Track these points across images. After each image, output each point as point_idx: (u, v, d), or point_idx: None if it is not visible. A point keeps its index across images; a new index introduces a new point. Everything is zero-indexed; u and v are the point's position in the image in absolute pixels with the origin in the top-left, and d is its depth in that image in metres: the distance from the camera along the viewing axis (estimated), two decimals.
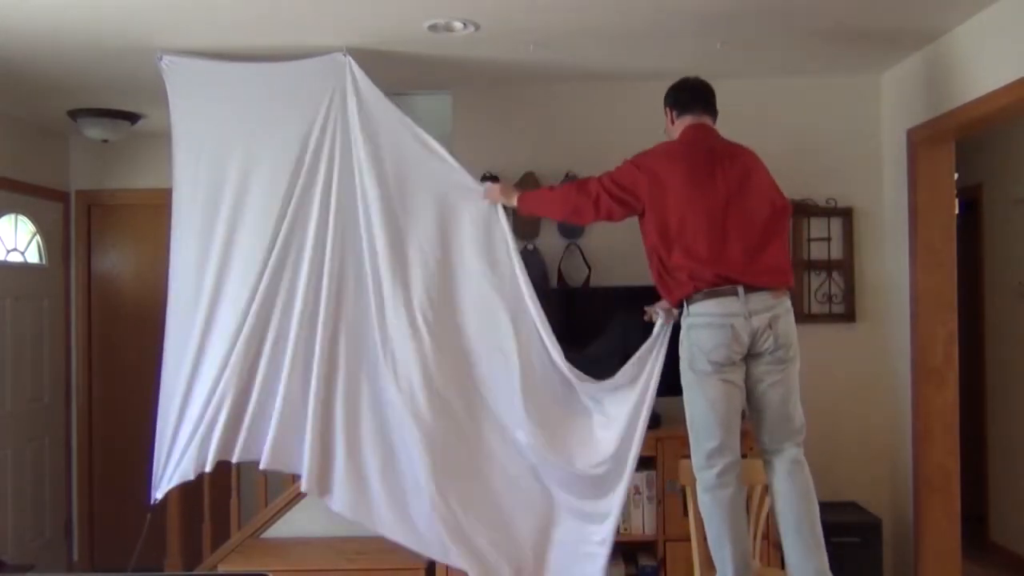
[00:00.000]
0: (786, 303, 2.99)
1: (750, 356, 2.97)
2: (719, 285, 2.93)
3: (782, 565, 3.76)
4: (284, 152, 3.52)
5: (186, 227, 3.55)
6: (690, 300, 2.99)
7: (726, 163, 3.05)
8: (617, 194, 3.11)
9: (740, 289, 2.91)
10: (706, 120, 3.20)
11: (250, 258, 3.49)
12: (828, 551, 2.96)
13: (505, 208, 3.40)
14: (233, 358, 3.43)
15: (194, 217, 3.54)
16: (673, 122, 3.24)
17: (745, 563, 2.97)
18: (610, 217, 3.18)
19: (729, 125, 4.31)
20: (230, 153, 3.54)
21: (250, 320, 3.45)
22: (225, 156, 3.54)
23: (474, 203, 3.42)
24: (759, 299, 2.92)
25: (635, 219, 4.29)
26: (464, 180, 3.43)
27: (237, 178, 3.52)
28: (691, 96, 3.21)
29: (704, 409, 2.97)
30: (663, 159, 3.10)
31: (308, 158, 3.51)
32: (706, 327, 2.94)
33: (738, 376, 2.97)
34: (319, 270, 3.46)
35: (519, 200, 3.34)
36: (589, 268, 4.30)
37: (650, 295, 4.13)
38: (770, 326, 2.91)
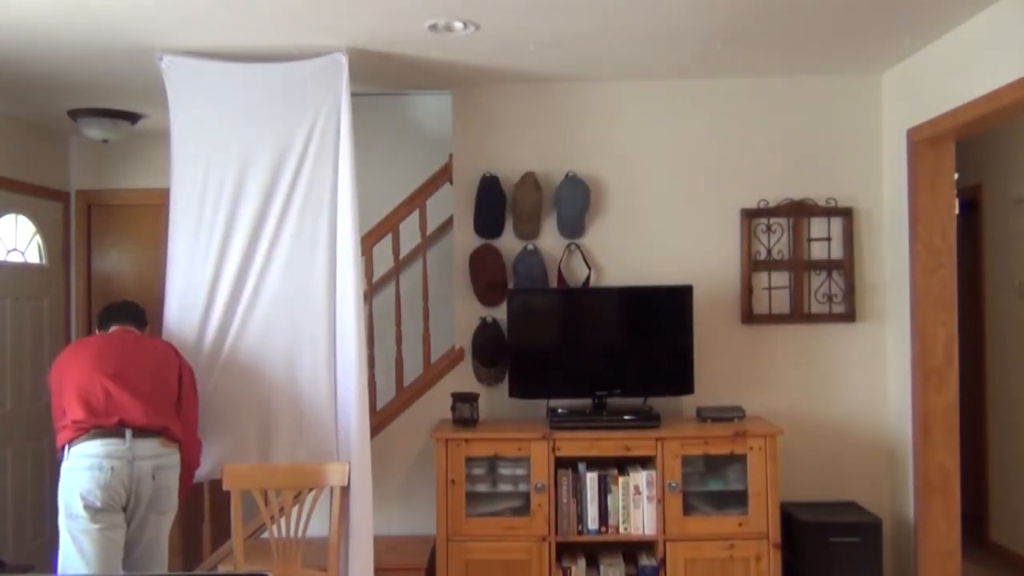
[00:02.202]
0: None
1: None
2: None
3: (783, 567, 3.76)
4: (282, 152, 3.55)
5: (183, 226, 3.58)
6: (72, 442, 3.03)
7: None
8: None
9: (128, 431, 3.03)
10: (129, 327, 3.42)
11: (246, 257, 3.55)
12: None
13: None
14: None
15: (191, 216, 3.57)
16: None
17: None
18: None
19: (730, 125, 4.35)
20: (229, 153, 3.57)
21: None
22: (224, 156, 3.57)
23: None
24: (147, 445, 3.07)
25: (637, 222, 4.34)
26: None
27: (235, 177, 3.56)
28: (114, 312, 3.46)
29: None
30: (68, 354, 3.32)
31: (307, 158, 3.55)
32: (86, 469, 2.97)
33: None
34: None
35: None
36: (589, 268, 4.30)
37: (650, 295, 4.15)
38: (153, 476, 3.07)
